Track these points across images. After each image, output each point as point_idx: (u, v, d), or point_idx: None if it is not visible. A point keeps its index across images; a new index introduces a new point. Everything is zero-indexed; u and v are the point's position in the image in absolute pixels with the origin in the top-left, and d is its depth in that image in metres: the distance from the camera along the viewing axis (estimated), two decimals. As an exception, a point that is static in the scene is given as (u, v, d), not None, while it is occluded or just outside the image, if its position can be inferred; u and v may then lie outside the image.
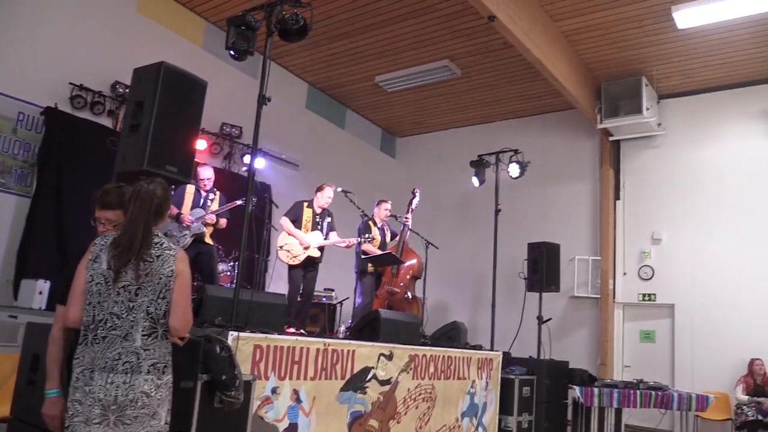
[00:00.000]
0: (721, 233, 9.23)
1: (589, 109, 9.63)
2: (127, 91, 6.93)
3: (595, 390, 7.59)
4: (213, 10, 8.59)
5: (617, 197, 10.27)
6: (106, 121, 7.48)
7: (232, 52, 4.61)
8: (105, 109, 7.45)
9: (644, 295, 9.78)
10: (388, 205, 7.85)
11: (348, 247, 7.14)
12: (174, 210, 6.43)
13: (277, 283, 7.96)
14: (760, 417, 7.95)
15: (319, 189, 7.14)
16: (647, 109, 9.31)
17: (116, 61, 7.43)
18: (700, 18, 7.80)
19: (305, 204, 7.08)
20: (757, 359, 8.31)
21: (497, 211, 8.46)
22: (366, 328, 5.68)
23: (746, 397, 8.17)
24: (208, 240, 6.66)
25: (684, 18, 7.81)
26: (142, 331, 2.49)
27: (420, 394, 5.79)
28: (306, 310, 7.32)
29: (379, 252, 7.39)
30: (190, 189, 6.69)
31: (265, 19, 4.69)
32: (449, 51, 9.26)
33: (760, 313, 8.66)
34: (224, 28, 4.68)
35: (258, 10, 4.64)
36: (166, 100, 3.73)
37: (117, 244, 2.54)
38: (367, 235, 7.23)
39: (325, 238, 7.04)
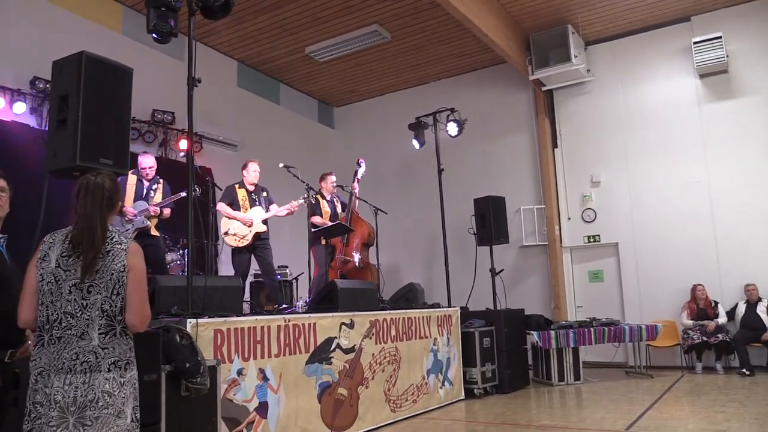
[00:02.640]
0: (655, 168, 9.59)
1: (519, 61, 9.76)
2: (48, 86, 6.64)
3: (552, 333, 7.88)
4: (129, -7, 8.27)
5: (555, 145, 10.51)
6: (29, 120, 7.15)
7: (154, 35, 4.45)
8: (27, 107, 7.12)
9: (589, 237, 10.12)
10: (333, 177, 7.87)
11: (290, 213, 7.10)
12: None
13: (229, 266, 7.87)
14: (704, 338, 8.42)
15: (244, 167, 7.12)
16: (575, 56, 9.50)
17: (33, 56, 7.07)
18: (617, -39, 7.96)
19: (236, 185, 7.06)
20: (699, 285, 8.76)
21: (440, 171, 8.57)
22: (324, 299, 5.72)
23: (691, 322, 8.63)
24: (154, 232, 6.52)
25: (602, -37, 7.96)
26: (99, 329, 2.43)
27: (385, 358, 5.89)
28: (274, 288, 7.24)
29: (330, 224, 7.40)
30: (131, 179, 6.52)
31: (185, -3, 4.56)
32: (377, 15, 9.19)
33: (697, 241, 9.10)
34: (143, 12, 4.52)
35: (177, -12, 4.49)
36: (92, 90, 3.58)
37: (75, 242, 2.46)
38: (310, 193, 7.14)
39: (267, 212, 7.03)
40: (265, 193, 7.18)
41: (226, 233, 6.85)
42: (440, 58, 10.83)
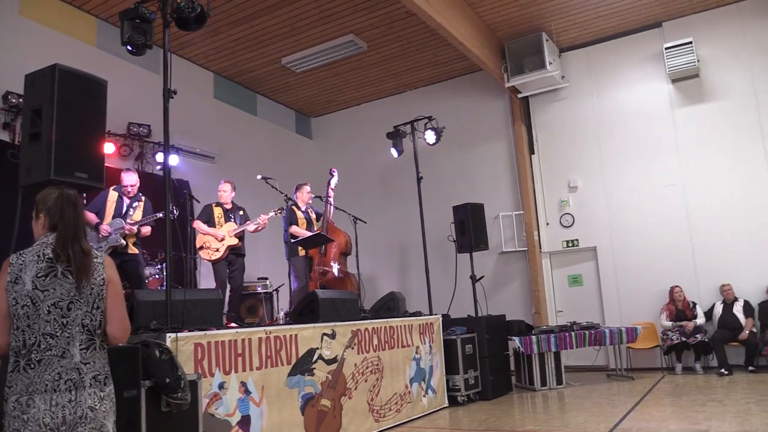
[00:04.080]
0: (632, 172, 9.71)
1: (495, 69, 9.84)
2: (20, 100, 6.54)
3: (533, 338, 7.92)
4: (103, 6, 8.15)
5: (532, 151, 10.59)
6: (2, 135, 7.04)
7: (129, 47, 4.43)
8: (-1, 122, 7.01)
9: (568, 241, 10.21)
10: (308, 188, 7.90)
11: (259, 228, 7.16)
12: (94, 219, 6.18)
13: (208, 279, 7.83)
14: (683, 339, 8.53)
15: (219, 188, 7.41)
16: (550, 63, 9.62)
17: (4, 70, 6.96)
18: (588, -30, 8.08)
19: (213, 204, 7.33)
20: (677, 287, 8.87)
21: (419, 179, 8.60)
22: (305, 310, 5.68)
23: (670, 323, 8.73)
24: (132, 250, 6.40)
25: (574, -29, 8.07)
26: (80, 345, 2.39)
27: (367, 368, 5.87)
28: (237, 305, 7.37)
29: (308, 234, 7.39)
30: (112, 196, 6.42)
31: (159, 9, 4.53)
32: (353, 25, 9.21)
33: (674, 243, 9.22)
34: (118, 24, 4.49)
35: (151, 0, 4.47)
36: (66, 103, 3.54)
37: (63, 254, 2.41)
38: (280, 209, 7.26)
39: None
40: (241, 212, 7.40)
41: (200, 248, 7.12)
42: (417, 67, 10.88)
